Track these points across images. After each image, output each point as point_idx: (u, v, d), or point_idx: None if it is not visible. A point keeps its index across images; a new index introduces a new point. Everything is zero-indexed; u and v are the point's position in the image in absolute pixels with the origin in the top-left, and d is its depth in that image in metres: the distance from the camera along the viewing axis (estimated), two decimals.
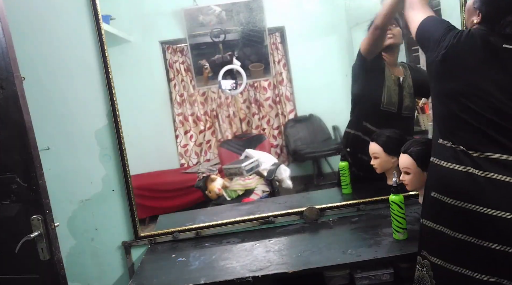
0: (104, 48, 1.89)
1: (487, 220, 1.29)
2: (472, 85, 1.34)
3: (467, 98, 1.34)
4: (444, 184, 1.40)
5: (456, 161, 1.36)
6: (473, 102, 1.33)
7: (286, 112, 3.56)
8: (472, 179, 1.32)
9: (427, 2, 1.58)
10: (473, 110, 1.33)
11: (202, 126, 3.57)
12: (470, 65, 1.35)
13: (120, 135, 1.95)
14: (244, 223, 2.06)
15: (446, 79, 1.39)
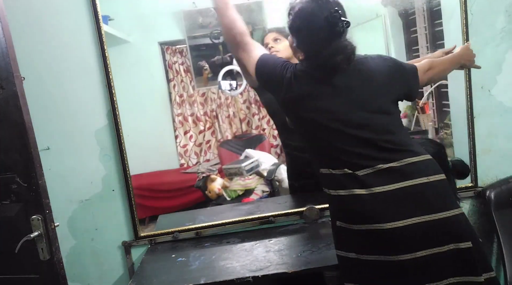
0: (104, 48, 1.89)
1: (388, 235, 1.30)
2: (323, 111, 1.39)
3: (326, 123, 1.38)
4: (340, 211, 1.42)
5: (338, 186, 1.38)
6: (331, 125, 1.38)
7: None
8: (358, 200, 1.34)
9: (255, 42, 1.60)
10: (335, 132, 1.37)
11: (202, 126, 3.57)
12: (311, 92, 1.40)
13: (120, 135, 1.95)
14: (244, 223, 2.06)
15: (302, 112, 1.42)
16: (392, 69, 1.44)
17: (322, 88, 1.40)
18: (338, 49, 1.36)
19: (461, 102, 2.08)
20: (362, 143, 1.36)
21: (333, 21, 1.34)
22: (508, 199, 2.03)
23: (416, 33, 2.37)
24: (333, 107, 1.38)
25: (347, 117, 1.37)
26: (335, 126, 1.37)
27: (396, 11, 2.39)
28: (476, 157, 2.09)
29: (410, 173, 1.33)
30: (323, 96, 1.40)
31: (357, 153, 1.36)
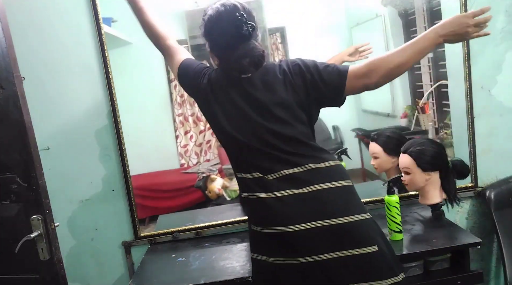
0: (104, 49, 1.90)
1: (292, 237, 1.33)
2: (231, 119, 1.43)
3: (235, 129, 1.42)
4: (252, 214, 1.45)
5: (249, 190, 1.41)
6: (240, 131, 1.41)
7: None
8: (264, 203, 1.37)
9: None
10: (243, 140, 1.41)
11: (202, 126, 3.56)
12: (223, 99, 1.44)
13: (120, 135, 1.95)
14: (244, 223, 2.06)
15: (215, 120, 1.46)
16: (297, 73, 1.44)
17: (231, 94, 1.44)
18: (245, 52, 1.40)
19: (461, 102, 2.08)
20: (268, 149, 1.39)
21: (238, 24, 1.39)
22: (508, 199, 2.03)
23: (416, 33, 2.37)
24: (240, 116, 1.42)
25: (253, 126, 1.40)
26: (242, 135, 1.41)
27: (396, 11, 2.38)
28: (476, 157, 2.09)
29: (314, 179, 1.36)
30: (232, 103, 1.43)
31: (264, 159, 1.39)
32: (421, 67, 2.38)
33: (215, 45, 1.49)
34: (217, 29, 1.44)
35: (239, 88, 1.43)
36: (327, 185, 1.36)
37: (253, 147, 1.40)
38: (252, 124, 1.40)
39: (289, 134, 1.39)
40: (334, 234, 1.32)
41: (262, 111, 1.40)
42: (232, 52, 1.41)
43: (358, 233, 1.33)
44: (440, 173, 1.82)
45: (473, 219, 2.16)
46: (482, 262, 2.18)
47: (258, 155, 1.40)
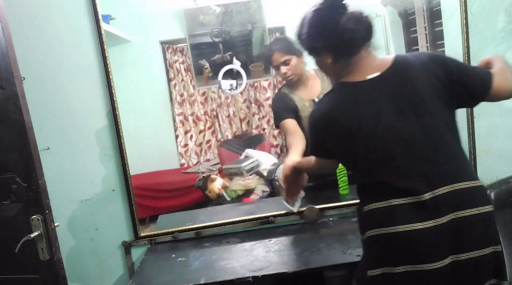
0: (104, 48, 1.89)
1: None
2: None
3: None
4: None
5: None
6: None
7: None
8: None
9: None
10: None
11: (202, 126, 3.57)
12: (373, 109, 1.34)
13: (120, 135, 1.95)
14: (244, 223, 2.06)
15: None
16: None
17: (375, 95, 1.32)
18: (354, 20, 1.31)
19: None
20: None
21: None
22: (508, 199, 2.03)
23: (416, 33, 2.37)
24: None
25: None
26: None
27: (396, 11, 2.39)
28: (476, 157, 2.09)
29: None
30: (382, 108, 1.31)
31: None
32: None
33: (341, 48, 1.37)
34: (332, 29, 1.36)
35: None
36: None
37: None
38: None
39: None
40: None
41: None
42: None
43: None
44: None
45: None
46: None
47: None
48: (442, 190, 1.25)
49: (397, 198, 1.26)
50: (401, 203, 1.26)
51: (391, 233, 1.25)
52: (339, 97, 1.36)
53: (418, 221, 1.23)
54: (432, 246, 1.23)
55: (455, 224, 1.23)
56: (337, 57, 1.34)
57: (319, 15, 1.35)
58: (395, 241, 1.25)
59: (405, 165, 1.27)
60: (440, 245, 1.23)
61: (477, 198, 1.28)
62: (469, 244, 1.24)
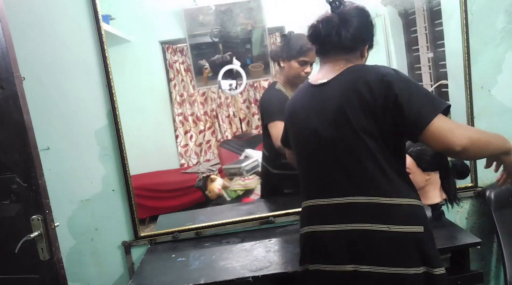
0: (104, 48, 1.89)
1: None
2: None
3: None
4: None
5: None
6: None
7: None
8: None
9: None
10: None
11: (202, 126, 3.56)
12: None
13: (120, 135, 1.95)
14: (244, 223, 2.06)
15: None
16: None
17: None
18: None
19: (461, 102, 2.08)
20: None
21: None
22: (508, 199, 2.03)
23: (416, 33, 2.37)
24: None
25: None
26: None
27: (396, 11, 2.38)
28: None
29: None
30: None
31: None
32: (421, 67, 2.38)
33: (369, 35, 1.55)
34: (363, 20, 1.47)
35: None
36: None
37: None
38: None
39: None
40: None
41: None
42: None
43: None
44: (440, 173, 1.82)
45: (473, 219, 2.16)
46: (482, 262, 2.18)
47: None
48: (346, 199, 1.31)
49: (308, 199, 1.40)
50: (310, 205, 1.39)
51: (304, 232, 1.41)
52: (295, 94, 1.51)
53: (320, 224, 1.35)
54: (333, 249, 1.32)
55: (355, 234, 1.29)
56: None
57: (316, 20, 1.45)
58: (307, 240, 1.40)
59: (316, 167, 1.38)
60: (340, 250, 1.31)
61: (385, 215, 1.27)
62: (369, 258, 1.28)
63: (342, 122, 1.28)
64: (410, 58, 2.42)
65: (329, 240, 1.33)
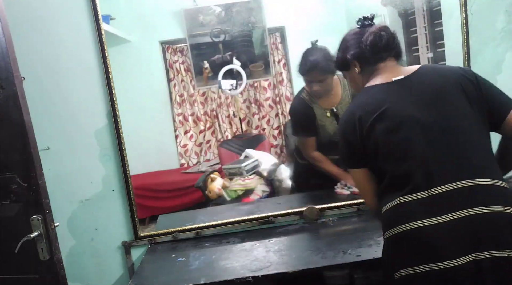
0: (104, 48, 1.89)
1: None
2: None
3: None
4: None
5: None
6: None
7: (286, 112, 3.56)
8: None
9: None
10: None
11: (202, 126, 3.57)
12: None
13: (120, 135, 1.95)
14: (244, 223, 2.06)
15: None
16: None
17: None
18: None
19: None
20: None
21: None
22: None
23: (416, 33, 2.37)
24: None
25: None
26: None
27: (396, 11, 2.39)
28: None
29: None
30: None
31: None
32: None
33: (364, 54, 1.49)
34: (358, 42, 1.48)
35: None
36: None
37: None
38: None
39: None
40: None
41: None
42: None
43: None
44: None
45: None
46: None
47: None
48: (458, 184, 1.22)
49: (407, 194, 1.26)
50: (410, 200, 1.25)
51: (401, 231, 1.24)
52: (364, 97, 1.42)
53: (430, 217, 1.21)
54: (448, 242, 1.19)
55: (473, 220, 1.19)
56: (364, 65, 1.44)
57: (349, 34, 1.49)
58: (409, 240, 1.23)
59: (423, 155, 1.26)
60: (457, 241, 1.19)
61: (500, 198, 1.23)
62: (491, 243, 1.18)
63: (445, 105, 1.30)
64: (410, 59, 2.42)
65: (441, 233, 1.20)
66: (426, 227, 1.21)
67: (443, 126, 1.28)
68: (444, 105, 1.30)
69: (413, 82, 1.35)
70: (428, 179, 1.24)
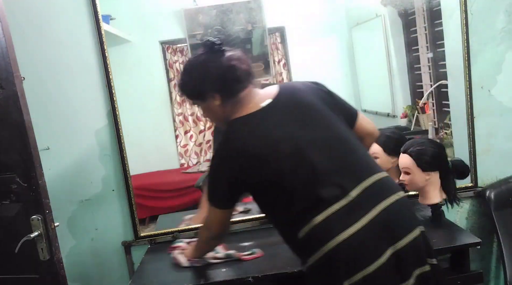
0: (104, 48, 1.89)
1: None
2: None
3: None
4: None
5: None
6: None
7: None
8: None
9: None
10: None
11: (202, 126, 3.56)
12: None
13: (120, 135, 1.95)
14: (244, 223, 2.06)
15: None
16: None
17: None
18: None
19: (461, 102, 2.08)
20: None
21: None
22: (508, 199, 2.04)
23: (416, 33, 2.37)
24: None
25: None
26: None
27: (396, 11, 2.38)
28: (476, 157, 2.09)
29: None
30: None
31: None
32: (421, 67, 2.38)
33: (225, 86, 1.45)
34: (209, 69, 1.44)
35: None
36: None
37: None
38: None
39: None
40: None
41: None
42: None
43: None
44: (440, 173, 1.82)
45: (473, 219, 2.16)
46: (482, 262, 2.18)
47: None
48: (360, 186, 1.26)
49: (321, 211, 1.23)
50: (327, 215, 1.23)
51: (331, 248, 1.21)
52: (238, 130, 1.36)
53: (348, 226, 1.21)
54: (371, 244, 1.23)
55: (383, 215, 1.24)
56: (225, 97, 1.38)
57: (201, 61, 1.40)
58: (339, 252, 1.21)
59: (327, 171, 1.28)
60: (376, 240, 1.23)
61: (392, 186, 1.32)
62: (401, 230, 1.26)
63: (322, 121, 1.36)
64: (410, 58, 2.42)
65: (362, 238, 1.22)
66: (349, 239, 1.20)
67: (328, 138, 1.33)
68: (319, 118, 1.36)
69: (282, 104, 1.36)
70: (341, 187, 1.25)
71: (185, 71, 1.44)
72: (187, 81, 1.43)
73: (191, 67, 1.43)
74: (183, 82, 1.45)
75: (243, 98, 1.38)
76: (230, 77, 1.36)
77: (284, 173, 1.28)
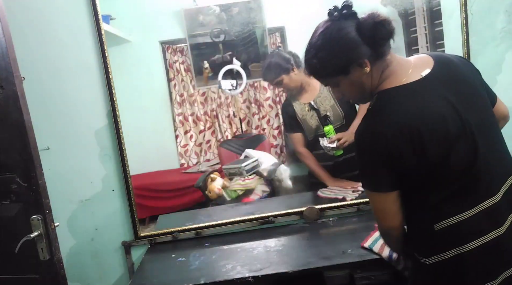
0: (104, 48, 1.89)
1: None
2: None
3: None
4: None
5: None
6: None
7: None
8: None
9: None
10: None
11: (202, 126, 3.57)
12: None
13: (120, 135, 1.95)
14: (244, 223, 2.06)
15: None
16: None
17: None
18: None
19: None
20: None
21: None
22: None
23: (416, 33, 2.37)
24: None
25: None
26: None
27: (396, 11, 2.38)
28: None
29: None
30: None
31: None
32: None
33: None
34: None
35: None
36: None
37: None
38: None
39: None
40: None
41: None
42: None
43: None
44: None
45: None
46: None
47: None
48: (505, 186, 1.15)
49: (473, 206, 1.12)
50: (477, 212, 1.12)
51: (468, 250, 1.11)
52: (398, 102, 1.15)
53: (496, 227, 1.11)
54: (506, 254, 1.12)
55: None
56: (374, 61, 1.17)
57: (336, 29, 1.19)
58: (477, 256, 1.11)
59: (485, 162, 1.13)
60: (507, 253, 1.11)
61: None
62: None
63: (480, 105, 1.20)
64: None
65: (506, 240, 1.12)
66: (492, 241, 1.11)
67: (485, 124, 1.17)
68: (476, 97, 1.19)
69: (443, 78, 1.16)
70: (491, 183, 1.14)
71: (317, 48, 1.21)
72: (325, 57, 1.19)
73: (325, 40, 1.20)
74: (320, 61, 1.21)
75: (392, 64, 1.19)
76: (379, 36, 1.14)
77: (450, 154, 1.10)
